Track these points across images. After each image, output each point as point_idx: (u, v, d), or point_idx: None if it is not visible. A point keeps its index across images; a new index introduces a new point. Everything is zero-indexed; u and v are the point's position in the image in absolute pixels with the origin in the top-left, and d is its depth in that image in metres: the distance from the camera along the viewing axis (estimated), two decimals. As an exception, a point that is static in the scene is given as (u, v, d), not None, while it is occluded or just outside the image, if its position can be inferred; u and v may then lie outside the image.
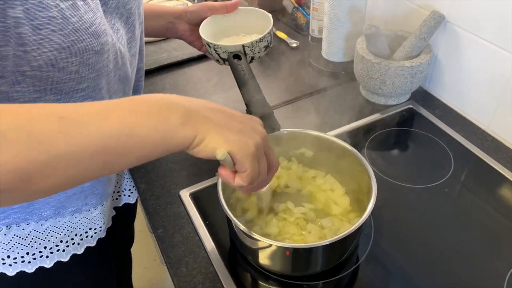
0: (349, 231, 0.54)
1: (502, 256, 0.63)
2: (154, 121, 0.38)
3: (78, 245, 0.66)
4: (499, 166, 0.76)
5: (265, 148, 0.44)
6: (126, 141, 0.37)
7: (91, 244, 0.68)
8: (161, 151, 0.40)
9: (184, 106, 0.40)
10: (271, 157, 0.46)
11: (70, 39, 0.45)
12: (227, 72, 0.72)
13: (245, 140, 0.41)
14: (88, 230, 0.67)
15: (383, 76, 0.85)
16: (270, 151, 0.45)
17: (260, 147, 0.42)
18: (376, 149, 0.83)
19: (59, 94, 0.48)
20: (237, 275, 0.63)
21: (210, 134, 0.40)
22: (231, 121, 0.42)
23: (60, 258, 0.64)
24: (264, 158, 0.44)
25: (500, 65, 0.78)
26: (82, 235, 0.66)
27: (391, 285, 0.60)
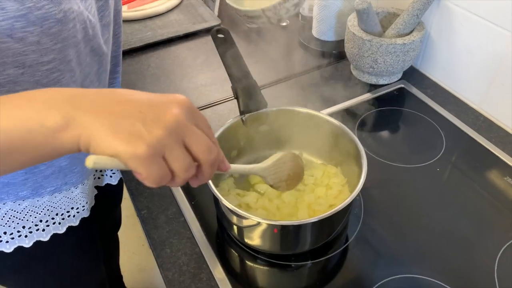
0: (338, 208, 0.52)
1: (493, 237, 0.62)
2: (29, 123, 0.32)
3: (60, 225, 0.64)
4: (491, 146, 0.75)
5: (181, 137, 0.34)
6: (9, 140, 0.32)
7: (73, 223, 0.65)
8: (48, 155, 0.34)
9: (70, 104, 0.33)
10: (197, 147, 0.35)
11: (25, 6, 0.40)
12: (214, 51, 0.69)
13: (133, 140, 0.32)
14: (70, 210, 0.65)
15: (374, 54, 0.83)
16: (194, 139, 0.35)
17: (161, 142, 0.33)
18: (367, 129, 0.81)
19: (21, 68, 0.44)
20: (223, 256, 0.61)
21: (94, 137, 0.32)
22: (125, 116, 0.33)
23: (39, 238, 0.62)
24: (176, 151, 0.34)
25: (494, 43, 0.76)
26: (64, 214, 0.64)
27: (380, 265, 0.59)
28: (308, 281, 0.60)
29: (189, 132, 0.34)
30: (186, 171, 0.34)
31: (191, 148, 0.35)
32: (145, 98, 0.34)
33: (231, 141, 0.66)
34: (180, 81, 0.93)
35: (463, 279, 0.57)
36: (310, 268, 0.60)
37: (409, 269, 0.58)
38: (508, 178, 0.69)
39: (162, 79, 0.94)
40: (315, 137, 0.68)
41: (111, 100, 0.34)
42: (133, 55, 1.01)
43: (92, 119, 0.32)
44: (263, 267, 0.60)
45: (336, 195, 0.64)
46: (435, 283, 0.56)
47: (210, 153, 0.35)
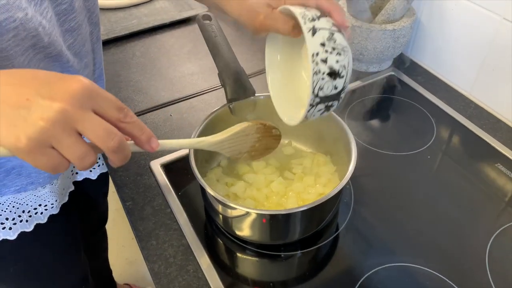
0: (327, 196, 0.51)
1: (484, 224, 0.61)
2: None
3: (27, 222, 0.61)
4: (482, 133, 0.74)
5: (70, 126, 0.32)
6: None
7: (41, 221, 0.63)
8: None
9: None
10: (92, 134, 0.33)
11: None
12: (201, 39, 0.67)
13: (15, 131, 0.31)
14: (37, 207, 0.62)
15: (364, 40, 0.81)
16: (88, 126, 0.33)
17: (45, 133, 0.31)
18: (357, 117, 0.80)
19: None
20: (211, 248, 0.59)
21: None
22: (12, 105, 0.31)
23: (6, 236, 0.60)
24: (65, 141, 0.32)
25: (483, 27, 0.75)
26: (31, 211, 0.61)
27: (371, 254, 0.58)
28: (298, 271, 0.59)
29: (81, 120, 0.32)
30: (81, 160, 0.33)
31: (86, 136, 0.33)
32: (36, 85, 0.32)
33: (219, 130, 0.64)
34: (166, 70, 0.91)
35: (454, 266, 0.56)
36: (300, 258, 0.59)
37: (400, 257, 0.57)
38: (499, 165, 0.69)
39: (147, 68, 0.92)
40: (304, 125, 0.66)
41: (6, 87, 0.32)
42: (117, 44, 0.98)
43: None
44: (252, 258, 0.59)
45: (326, 184, 0.63)
46: (426, 271, 0.56)
47: (108, 139, 0.33)
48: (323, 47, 0.45)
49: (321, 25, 0.45)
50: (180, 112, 0.81)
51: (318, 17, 0.46)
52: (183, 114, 0.80)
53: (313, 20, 0.45)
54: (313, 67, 0.44)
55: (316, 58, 0.44)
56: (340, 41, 0.46)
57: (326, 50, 0.45)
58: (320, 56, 0.44)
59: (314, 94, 0.46)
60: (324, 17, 0.46)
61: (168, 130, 0.77)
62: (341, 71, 0.46)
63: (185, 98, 0.84)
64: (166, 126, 0.78)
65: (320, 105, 0.48)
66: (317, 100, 0.46)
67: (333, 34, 0.46)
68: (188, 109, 0.81)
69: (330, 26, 0.46)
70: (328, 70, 0.45)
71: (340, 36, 0.46)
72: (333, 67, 0.45)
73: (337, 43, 0.45)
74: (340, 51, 0.45)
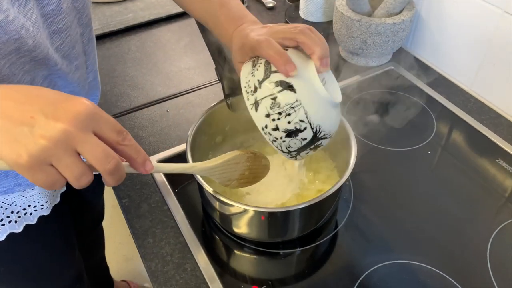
0: (327, 193, 0.50)
1: (485, 220, 0.61)
2: None
3: (16, 223, 0.60)
4: (482, 128, 0.73)
5: (71, 146, 0.33)
6: None
7: (30, 222, 0.61)
8: None
9: None
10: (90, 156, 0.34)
11: None
12: (198, 33, 0.66)
13: (18, 147, 0.32)
14: (26, 207, 0.61)
15: (364, 34, 0.80)
16: (87, 148, 0.34)
17: (45, 152, 0.32)
18: (356, 112, 0.78)
19: None
20: (209, 245, 0.58)
21: None
22: (16, 121, 0.32)
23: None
24: (64, 160, 0.33)
25: (484, 21, 0.74)
26: (20, 212, 0.60)
27: (371, 251, 0.57)
28: (297, 269, 0.58)
29: (81, 141, 0.33)
30: (78, 179, 0.34)
31: (85, 157, 0.34)
32: (41, 103, 0.33)
33: (216, 125, 0.63)
34: (162, 65, 0.90)
35: (455, 263, 0.56)
36: (299, 255, 0.58)
37: (401, 254, 0.57)
38: (500, 160, 0.68)
39: (143, 63, 0.90)
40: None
41: (11, 103, 0.33)
42: (112, 39, 0.97)
43: None
44: (250, 256, 0.58)
45: (325, 180, 0.62)
46: (427, 269, 0.55)
47: (106, 161, 0.34)
48: (269, 118, 0.44)
49: (263, 94, 0.44)
50: (176, 107, 0.79)
51: (260, 83, 0.44)
52: (179, 110, 0.79)
53: (254, 92, 0.44)
54: (268, 138, 0.44)
55: (267, 130, 0.44)
56: (286, 100, 0.43)
57: (273, 119, 0.44)
58: (270, 126, 0.44)
59: (288, 153, 0.46)
60: (267, 79, 0.44)
61: (165, 126, 0.76)
62: (299, 127, 0.44)
63: (181, 93, 0.82)
64: (162, 122, 0.76)
65: (303, 152, 0.47)
66: (294, 153, 0.46)
67: (275, 98, 0.43)
68: (185, 105, 0.80)
69: (273, 88, 0.44)
70: (285, 134, 0.44)
71: (286, 94, 0.43)
72: (287, 129, 0.44)
73: (282, 105, 0.43)
74: (288, 112, 0.43)
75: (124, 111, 0.79)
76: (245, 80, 0.46)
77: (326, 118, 0.45)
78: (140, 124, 0.76)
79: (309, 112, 0.44)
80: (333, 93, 0.47)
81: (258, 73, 0.45)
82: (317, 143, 0.47)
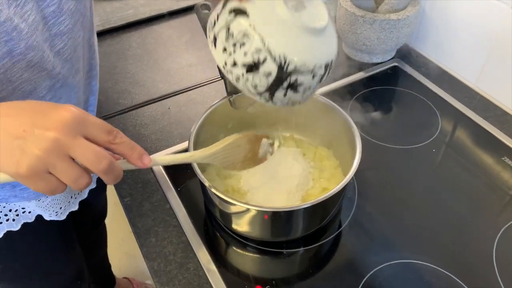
0: (332, 192, 0.49)
1: (491, 219, 0.60)
2: None
3: (14, 221, 0.59)
4: (488, 125, 0.73)
5: (63, 152, 0.35)
6: None
7: (29, 220, 0.61)
8: None
9: None
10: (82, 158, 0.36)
11: None
12: (200, 30, 0.65)
13: (15, 159, 0.34)
14: (25, 206, 0.60)
15: (367, 30, 0.79)
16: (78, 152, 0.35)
17: (41, 161, 0.34)
18: (360, 109, 0.78)
19: None
20: (212, 245, 0.58)
21: None
22: (11, 135, 0.34)
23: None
24: (59, 166, 0.35)
25: (490, 17, 0.72)
26: (18, 210, 0.59)
27: (375, 251, 0.57)
28: (300, 269, 0.57)
29: (72, 146, 0.35)
30: (76, 182, 0.36)
31: (78, 160, 0.36)
32: (30, 115, 0.35)
33: (219, 123, 0.63)
34: (163, 61, 0.89)
35: (461, 263, 0.55)
36: (303, 255, 0.58)
37: (406, 254, 0.56)
38: (505, 158, 0.67)
39: (144, 60, 0.89)
40: (306, 118, 0.65)
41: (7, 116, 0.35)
42: (113, 35, 0.96)
43: None
44: (253, 255, 0.58)
45: (329, 178, 0.61)
46: (433, 268, 0.54)
47: (98, 162, 0.36)
48: (226, 52, 0.39)
49: (219, 26, 0.39)
50: (178, 105, 0.79)
51: (218, 15, 0.40)
52: (181, 107, 0.78)
53: (214, 25, 0.40)
54: (231, 78, 0.40)
55: (227, 67, 0.40)
56: (238, 28, 0.38)
57: (229, 53, 0.39)
58: (229, 62, 0.40)
59: (260, 95, 0.41)
60: (224, 7, 0.40)
61: (167, 123, 0.75)
62: (257, 58, 0.38)
63: (183, 91, 0.82)
64: (164, 119, 0.76)
65: (278, 93, 0.41)
66: (266, 94, 0.41)
67: (229, 28, 0.39)
68: (186, 102, 0.79)
69: (227, 17, 0.39)
70: (245, 69, 0.39)
71: (238, 20, 0.38)
72: (244, 62, 0.39)
73: (235, 34, 0.38)
74: (242, 41, 0.38)
75: (126, 108, 0.78)
76: (210, 19, 0.41)
77: (294, 46, 0.38)
78: (142, 122, 0.75)
79: (266, 38, 0.38)
80: (312, 16, 0.40)
81: (218, 8, 0.41)
82: (290, 80, 0.39)
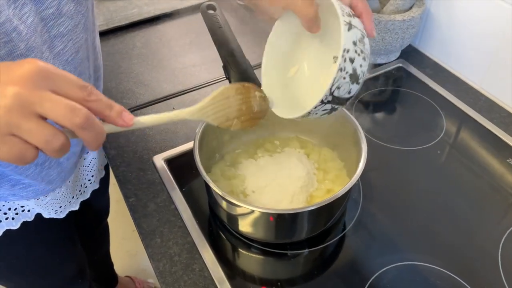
0: (337, 195, 0.49)
1: (496, 221, 0.60)
2: None
3: (13, 220, 0.59)
4: (493, 127, 0.72)
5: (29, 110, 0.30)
6: None
7: (28, 219, 0.61)
8: None
9: None
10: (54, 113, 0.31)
11: None
12: (204, 29, 0.65)
13: None
14: (24, 205, 0.60)
15: (372, 31, 0.79)
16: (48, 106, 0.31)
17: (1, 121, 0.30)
18: (364, 110, 0.78)
19: None
20: (216, 245, 0.58)
21: None
22: None
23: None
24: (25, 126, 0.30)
25: (495, 18, 0.72)
26: (18, 209, 0.59)
27: (380, 252, 0.57)
28: (305, 270, 0.57)
29: (38, 101, 0.30)
30: (48, 143, 0.31)
31: (48, 117, 0.31)
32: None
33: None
34: (168, 61, 0.89)
35: (466, 265, 0.55)
36: (307, 256, 0.58)
37: (411, 256, 0.56)
38: (510, 160, 0.67)
39: (148, 59, 0.89)
40: (310, 119, 0.65)
41: None
42: (117, 34, 0.96)
43: None
44: (258, 256, 0.58)
45: (334, 180, 0.61)
46: (438, 270, 0.54)
47: (72, 115, 0.31)
48: (354, 46, 0.42)
49: (356, 24, 0.43)
50: (183, 105, 0.79)
51: (353, 15, 0.44)
52: (186, 107, 0.78)
53: (349, 16, 0.43)
54: (340, 62, 0.42)
55: (346, 54, 0.42)
56: (368, 46, 0.44)
57: (355, 50, 0.42)
58: (350, 54, 0.42)
59: (330, 91, 0.43)
60: (357, 18, 0.45)
61: (172, 124, 0.75)
62: (360, 77, 0.44)
63: (188, 91, 0.81)
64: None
65: (328, 105, 0.45)
66: (329, 98, 0.44)
67: (363, 36, 0.44)
68: (191, 102, 0.79)
69: (362, 28, 0.44)
70: (352, 71, 0.43)
71: (368, 41, 0.44)
72: (356, 69, 0.43)
73: (366, 47, 0.44)
74: (365, 56, 0.43)
75: (130, 108, 0.78)
76: (338, 4, 0.44)
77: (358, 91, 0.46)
78: (146, 122, 0.75)
79: (366, 70, 0.44)
80: None
81: (345, 8, 0.44)
82: (339, 106, 0.46)
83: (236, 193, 0.60)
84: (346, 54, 0.42)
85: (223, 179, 0.62)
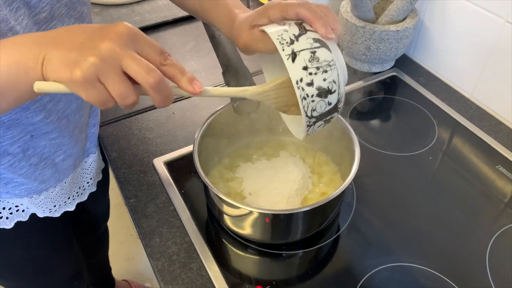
0: (331, 197, 0.51)
1: (485, 225, 0.62)
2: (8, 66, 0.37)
3: (7, 219, 0.60)
4: (483, 134, 0.75)
5: (116, 63, 0.35)
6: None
7: (22, 219, 0.61)
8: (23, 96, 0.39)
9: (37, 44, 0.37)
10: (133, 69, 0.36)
11: None
12: (204, 36, 0.67)
13: (71, 66, 0.35)
14: (19, 204, 0.60)
15: (367, 41, 0.82)
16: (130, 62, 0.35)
17: (94, 67, 0.35)
18: (359, 117, 0.80)
19: None
20: (214, 245, 0.60)
21: (48, 67, 0.36)
22: (70, 48, 0.36)
23: None
24: (110, 75, 0.35)
25: (486, 30, 0.75)
26: (12, 208, 0.60)
27: (372, 254, 0.59)
28: (299, 270, 0.59)
29: (125, 57, 0.35)
30: (123, 98, 0.36)
31: (128, 72, 0.36)
32: (88, 31, 0.37)
33: (222, 129, 0.65)
34: (169, 68, 0.91)
35: (456, 267, 0.57)
36: (301, 257, 0.59)
37: (402, 257, 0.58)
38: (500, 167, 0.69)
39: (150, 65, 0.91)
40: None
41: (64, 36, 0.37)
42: (120, 41, 0.98)
43: (50, 54, 0.36)
44: (254, 257, 0.60)
45: (328, 183, 0.63)
46: (428, 271, 0.56)
47: (148, 75, 0.36)
48: (306, 71, 0.43)
49: (301, 46, 0.43)
50: (183, 110, 0.81)
51: (296, 37, 0.44)
52: (185, 112, 0.80)
53: (291, 43, 0.43)
54: (300, 93, 0.43)
55: (301, 84, 0.42)
56: (324, 57, 0.43)
57: (310, 73, 0.43)
58: (305, 80, 0.42)
59: (308, 117, 0.44)
60: (304, 34, 0.44)
61: (171, 128, 0.77)
62: (331, 87, 0.44)
63: (187, 96, 0.83)
64: (169, 124, 0.78)
65: (319, 122, 0.46)
66: (313, 120, 0.45)
67: (314, 52, 0.43)
68: (191, 107, 0.81)
69: (311, 43, 0.43)
70: (317, 92, 0.43)
71: (324, 51, 0.43)
72: (321, 86, 0.43)
73: (321, 60, 0.43)
74: (325, 68, 0.43)
75: (131, 112, 0.80)
76: (277, 33, 0.44)
77: (343, 91, 0.45)
78: (147, 126, 0.77)
79: (340, 75, 0.44)
80: None
81: (291, 29, 0.44)
82: (332, 114, 0.46)
83: (233, 195, 0.62)
84: (301, 83, 0.43)
85: (221, 181, 0.64)
